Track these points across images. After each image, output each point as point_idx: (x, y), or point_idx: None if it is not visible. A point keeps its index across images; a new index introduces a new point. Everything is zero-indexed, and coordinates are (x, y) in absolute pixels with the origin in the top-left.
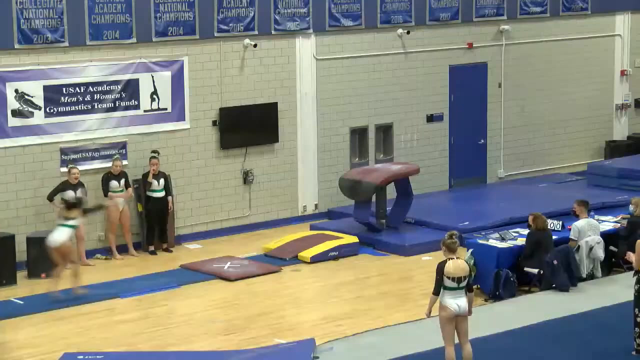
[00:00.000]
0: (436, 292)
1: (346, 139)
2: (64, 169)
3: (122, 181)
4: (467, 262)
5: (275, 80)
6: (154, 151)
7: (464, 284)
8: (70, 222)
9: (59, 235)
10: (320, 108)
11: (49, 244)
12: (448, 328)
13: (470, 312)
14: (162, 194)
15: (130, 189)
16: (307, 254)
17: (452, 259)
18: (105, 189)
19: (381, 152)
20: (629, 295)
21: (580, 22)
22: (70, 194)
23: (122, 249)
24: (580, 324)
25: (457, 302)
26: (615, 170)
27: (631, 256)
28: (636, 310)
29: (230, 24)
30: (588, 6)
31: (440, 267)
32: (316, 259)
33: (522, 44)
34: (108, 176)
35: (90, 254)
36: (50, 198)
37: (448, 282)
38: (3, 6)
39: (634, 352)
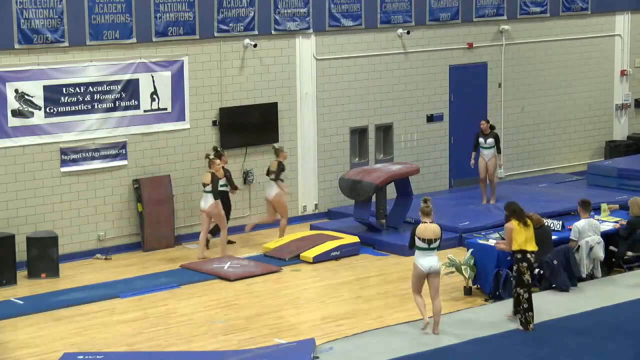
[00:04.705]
0: (410, 247)
1: (346, 139)
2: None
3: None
4: (466, 262)
5: (275, 80)
6: (214, 148)
7: (434, 245)
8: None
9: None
10: (320, 108)
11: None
12: (416, 282)
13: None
14: (226, 187)
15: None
16: (310, 254)
17: (425, 222)
18: (216, 189)
19: (381, 152)
20: (629, 295)
21: (580, 22)
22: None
23: (123, 249)
24: (580, 324)
25: (427, 261)
26: (615, 170)
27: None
28: (517, 289)
29: (230, 24)
30: (588, 6)
31: (413, 229)
32: (318, 259)
33: (522, 44)
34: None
35: (90, 254)
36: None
37: (419, 243)
38: (3, 6)
39: (520, 327)
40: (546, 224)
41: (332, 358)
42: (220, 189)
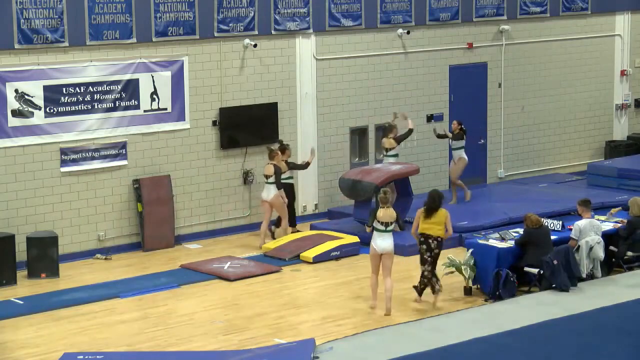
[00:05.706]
0: (368, 225)
1: (346, 139)
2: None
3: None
4: (466, 262)
5: (275, 80)
6: (280, 142)
7: (390, 227)
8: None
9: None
10: (320, 108)
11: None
12: (373, 262)
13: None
14: (291, 180)
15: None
16: (310, 254)
17: (383, 207)
18: (279, 180)
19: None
20: (629, 295)
21: (580, 22)
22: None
23: (123, 249)
24: (580, 324)
25: (382, 242)
26: (615, 170)
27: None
28: (421, 266)
29: (230, 24)
30: (588, 6)
31: (373, 210)
32: (318, 259)
33: (522, 44)
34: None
35: (90, 254)
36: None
37: (377, 225)
38: (3, 6)
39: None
40: (545, 224)
41: (332, 358)
42: (283, 180)
